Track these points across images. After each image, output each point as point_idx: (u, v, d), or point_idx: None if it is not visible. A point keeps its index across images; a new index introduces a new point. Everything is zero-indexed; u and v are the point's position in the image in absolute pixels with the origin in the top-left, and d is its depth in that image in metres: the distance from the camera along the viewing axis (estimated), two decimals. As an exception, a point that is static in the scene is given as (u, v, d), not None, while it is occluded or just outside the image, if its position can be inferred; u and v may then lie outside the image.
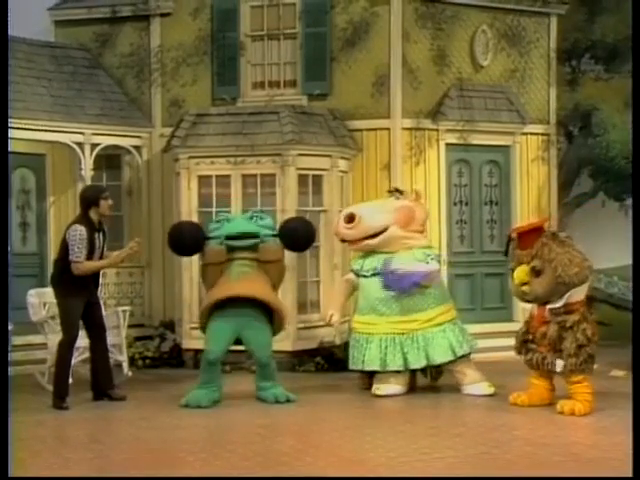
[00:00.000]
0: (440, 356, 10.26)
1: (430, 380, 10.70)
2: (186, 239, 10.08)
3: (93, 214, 9.81)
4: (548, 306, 9.35)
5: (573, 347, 9.18)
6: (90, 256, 9.68)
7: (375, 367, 10.27)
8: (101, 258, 9.86)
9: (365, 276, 10.50)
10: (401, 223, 10.51)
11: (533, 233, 9.54)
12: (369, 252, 10.56)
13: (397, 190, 10.99)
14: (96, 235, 9.80)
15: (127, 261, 13.23)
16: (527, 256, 9.40)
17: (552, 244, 9.34)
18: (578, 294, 9.32)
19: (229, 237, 9.97)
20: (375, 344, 10.30)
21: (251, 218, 10.17)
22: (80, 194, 10.24)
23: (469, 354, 10.44)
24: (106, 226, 10.18)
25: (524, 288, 9.39)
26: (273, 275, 10.08)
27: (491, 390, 10.24)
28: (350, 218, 10.53)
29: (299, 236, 10.14)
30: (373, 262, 10.47)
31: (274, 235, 10.03)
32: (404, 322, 10.29)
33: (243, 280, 9.85)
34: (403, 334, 10.28)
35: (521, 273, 9.39)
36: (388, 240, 10.43)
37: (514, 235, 9.67)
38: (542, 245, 9.34)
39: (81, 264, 9.60)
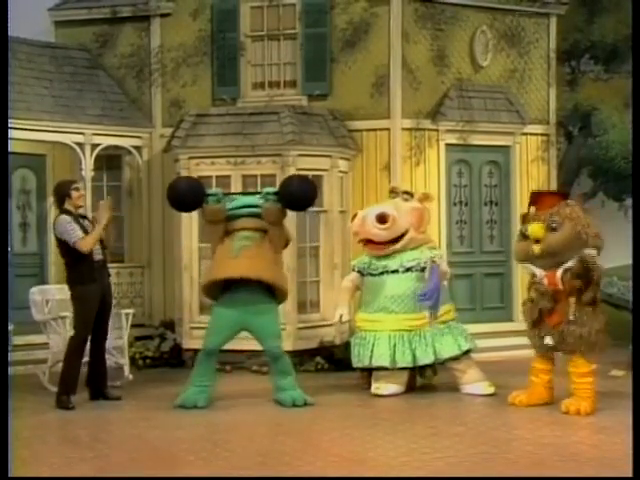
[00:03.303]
0: (447, 351, 10.27)
1: (425, 379, 10.69)
2: (185, 192, 9.90)
3: (69, 206, 9.84)
4: (562, 267, 9.16)
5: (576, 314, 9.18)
6: None
7: (384, 363, 10.25)
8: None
9: (372, 274, 10.52)
10: (415, 225, 10.55)
11: (553, 198, 9.50)
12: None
13: (407, 192, 10.98)
14: (81, 221, 9.83)
15: (127, 261, 13.42)
16: (544, 215, 9.29)
17: (575, 207, 9.31)
18: (591, 256, 9.22)
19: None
20: (384, 341, 10.29)
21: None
22: (52, 191, 10.27)
23: (471, 351, 10.46)
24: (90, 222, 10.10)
25: (534, 246, 9.23)
26: (275, 239, 9.86)
27: (491, 390, 10.25)
28: (383, 218, 10.41)
29: (293, 191, 9.85)
30: (382, 262, 10.48)
31: (275, 193, 9.85)
32: (411, 319, 10.30)
33: (243, 257, 9.68)
34: (410, 331, 10.29)
35: (537, 228, 9.18)
36: (407, 244, 10.49)
37: (533, 196, 9.62)
38: (565, 205, 9.29)
39: (84, 240, 9.63)
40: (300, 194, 9.88)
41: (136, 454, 7.81)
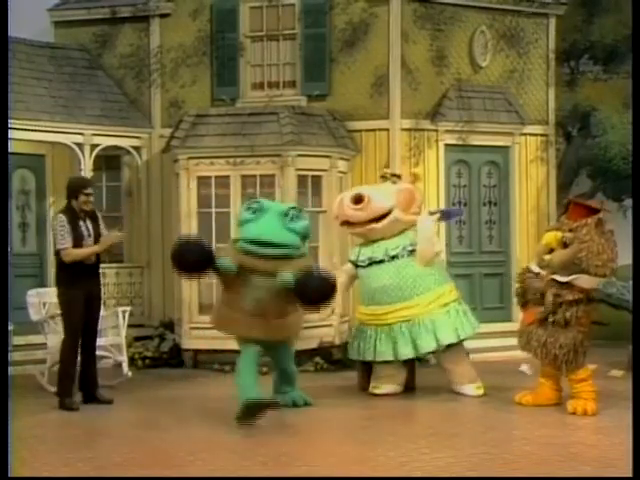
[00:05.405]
0: (447, 337, 10.17)
1: (419, 362, 10.66)
2: (189, 259, 8.95)
3: (75, 204, 9.76)
4: (553, 276, 9.25)
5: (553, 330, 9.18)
6: (79, 244, 9.61)
7: (388, 358, 10.23)
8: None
9: (362, 266, 10.47)
10: (402, 206, 10.41)
11: (586, 210, 9.47)
12: (365, 242, 10.52)
13: (394, 175, 10.89)
14: (81, 223, 9.70)
15: (126, 261, 13.41)
16: (567, 225, 9.33)
17: (593, 229, 9.23)
18: (585, 282, 9.23)
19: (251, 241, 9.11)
20: (385, 335, 10.25)
21: (285, 215, 9.12)
22: (67, 183, 10.11)
23: (468, 353, 10.45)
24: (96, 217, 9.93)
25: (546, 256, 9.28)
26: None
27: (480, 392, 10.17)
28: (358, 199, 10.32)
29: (309, 295, 8.84)
30: (368, 252, 10.43)
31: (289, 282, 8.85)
32: (407, 308, 10.23)
33: (257, 315, 8.99)
34: (409, 321, 10.21)
35: (551, 237, 9.28)
36: (392, 224, 10.33)
37: (571, 201, 9.67)
38: (584, 224, 9.24)
39: (68, 250, 9.55)
40: (316, 301, 8.90)
41: (136, 454, 7.81)
